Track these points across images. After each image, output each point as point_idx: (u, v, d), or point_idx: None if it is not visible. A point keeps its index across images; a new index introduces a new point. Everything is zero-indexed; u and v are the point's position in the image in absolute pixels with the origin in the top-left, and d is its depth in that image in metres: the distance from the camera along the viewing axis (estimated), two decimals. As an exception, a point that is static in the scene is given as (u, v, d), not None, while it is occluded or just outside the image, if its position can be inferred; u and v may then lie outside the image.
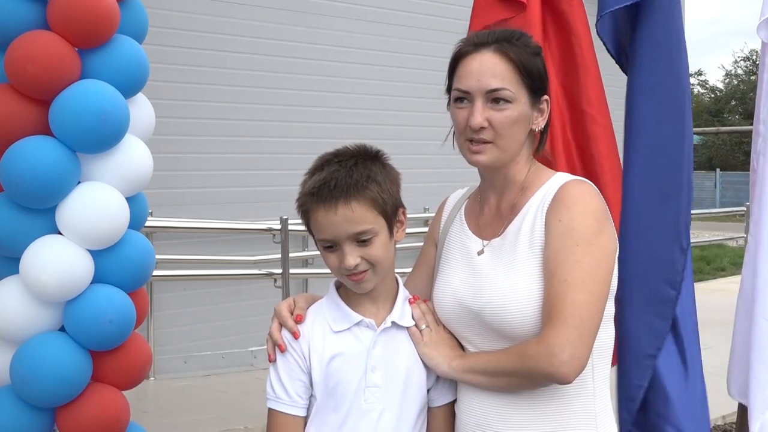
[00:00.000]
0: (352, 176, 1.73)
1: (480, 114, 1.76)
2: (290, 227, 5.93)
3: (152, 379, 5.77)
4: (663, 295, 2.34)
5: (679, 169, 2.38)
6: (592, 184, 1.82)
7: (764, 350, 2.64)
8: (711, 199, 27.91)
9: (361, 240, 1.73)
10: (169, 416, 5.05)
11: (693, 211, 2.47)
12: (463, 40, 1.86)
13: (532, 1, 2.60)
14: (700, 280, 10.72)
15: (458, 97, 1.81)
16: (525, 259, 1.75)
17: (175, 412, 5.20)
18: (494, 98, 1.76)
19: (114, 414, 2.45)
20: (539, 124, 1.84)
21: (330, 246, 1.76)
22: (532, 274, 1.73)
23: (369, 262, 1.75)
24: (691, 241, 2.46)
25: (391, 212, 1.78)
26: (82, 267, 2.34)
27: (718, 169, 29.87)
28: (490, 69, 1.76)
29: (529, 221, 1.78)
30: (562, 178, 1.83)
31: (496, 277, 1.77)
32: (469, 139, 1.79)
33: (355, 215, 1.72)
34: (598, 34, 2.48)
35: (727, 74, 39.95)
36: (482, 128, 1.76)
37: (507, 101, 1.76)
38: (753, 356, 2.66)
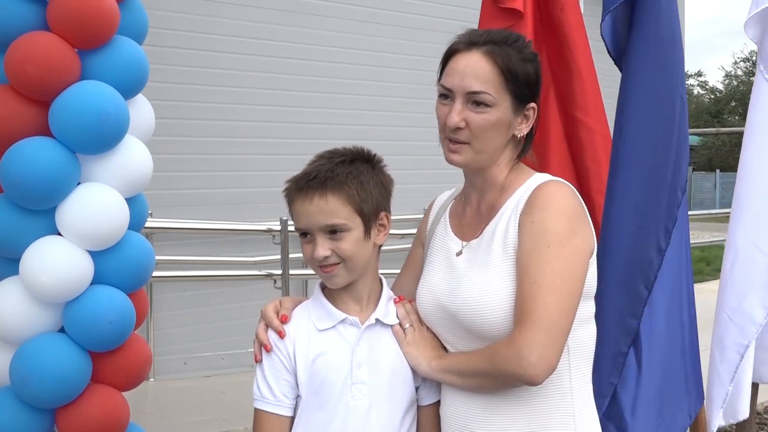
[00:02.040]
0: (333, 171, 1.78)
1: (457, 114, 1.77)
2: (290, 228, 5.92)
3: (152, 379, 5.77)
4: (639, 295, 2.40)
5: (666, 170, 2.39)
6: (569, 185, 1.82)
7: (723, 346, 2.68)
8: (711, 200, 27.91)
9: (333, 233, 1.77)
10: (169, 417, 5.05)
11: (693, 212, 2.50)
12: (458, 36, 1.86)
13: (524, 7, 2.60)
14: (700, 281, 10.71)
15: (442, 94, 1.82)
16: (498, 260, 1.76)
17: (175, 413, 5.20)
18: (474, 100, 1.76)
19: (114, 415, 2.45)
20: (522, 130, 1.83)
21: (305, 235, 1.81)
22: (505, 275, 1.74)
23: (339, 256, 1.78)
24: (691, 241, 2.48)
25: (370, 213, 1.80)
26: (82, 268, 2.34)
27: (717, 170, 29.87)
28: (473, 70, 1.76)
29: (503, 222, 1.79)
30: (539, 179, 1.83)
31: (471, 278, 1.78)
32: (447, 137, 1.81)
33: (329, 207, 1.76)
34: (601, 35, 2.48)
35: (727, 75, 40.00)
36: (459, 128, 1.77)
37: (486, 105, 1.76)
38: (714, 351, 2.70)
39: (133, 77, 2.48)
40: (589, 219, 1.81)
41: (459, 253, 1.86)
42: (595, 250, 1.80)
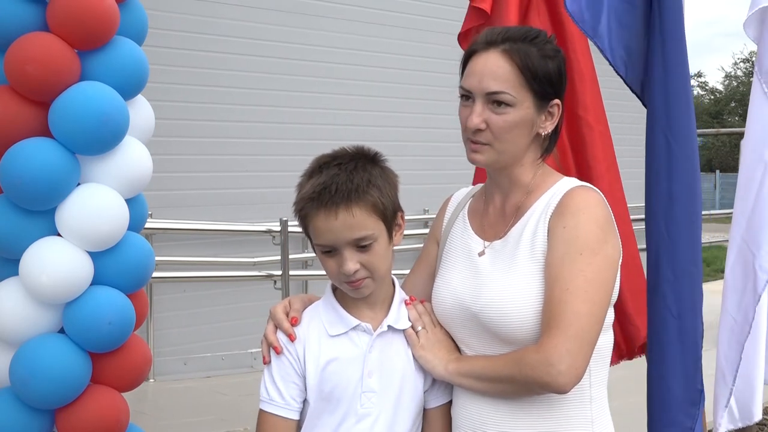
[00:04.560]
0: (352, 181, 1.71)
1: (478, 115, 1.74)
2: (290, 229, 5.92)
3: (152, 380, 5.77)
4: (702, 293, 2.38)
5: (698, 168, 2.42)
6: (599, 191, 1.79)
7: (727, 346, 2.70)
8: (710, 201, 27.91)
9: (361, 246, 1.72)
10: (169, 418, 5.05)
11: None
12: (478, 36, 1.83)
13: (525, 5, 2.61)
14: (699, 281, 10.69)
15: (463, 95, 1.79)
16: (525, 263, 1.73)
17: (175, 413, 5.20)
18: (494, 101, 1.73)
19: (113, 416, 2.44)
20: (546, 128, 1.80)
21: (329, 251, 1.74)
22: (531, 278, 1.72)
23: (368, 268, 1.73)
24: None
25: (391, 217, 1.77)
26: (82, 268, 2.34)
27: (717, 171, 29.89)
28: (492, 71, 1.73)
29: (531, 225, 1.76)
30: (568, 183, 1.80)
31: (495, 280, 1.75)
32: (468, 138, 1.79)
33: (356, 221, 1.69)
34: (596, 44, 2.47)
35: (727, 76, 40.04)
36: (479, 130, 1.75)
37: (507, 105, 1.73)
38: (719, 352, 2.72)
39: (132, 78, 2.47)
40: (616, 227, 1.78)
41: (481, 254, 1.82)
42: (621, 258, 1.78)
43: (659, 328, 2.32)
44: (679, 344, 2.30)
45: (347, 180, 1.71)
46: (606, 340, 1.80)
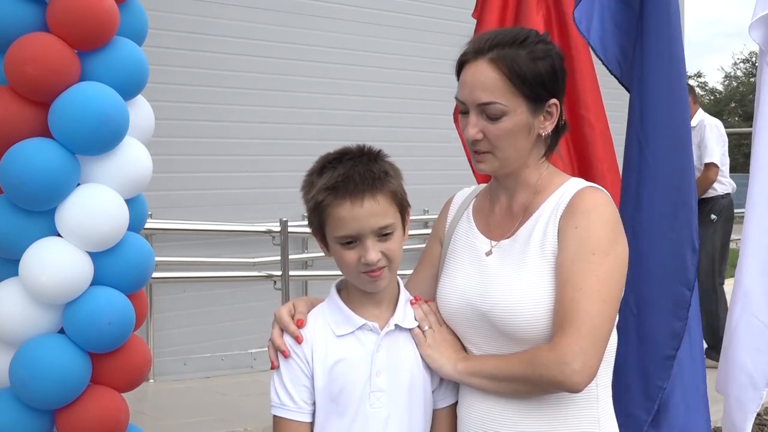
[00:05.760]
0: (372, 171, 1.73)
1: (473, 126, 1.75)
2: (290, 229, 5.92)
3: (152, 381, 5.76)
4: (680, 297, 2.39)
5: (691, 172, 2.42)
6: (606, 192, 1.81)
7: (756, 351, 2.68)
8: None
9: (383, 234, 1.73)
10: (169, 418, 5.05)
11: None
12: (467, 43, 1.83)
13: (530, 6, 2.62)
14: (699, 281, 10.67)
15: (460, 106, 1.80)
16: (535, 262, 1.74)
17: (175, 414, 5.19)
18: (486, 112, 1.74)
19: (113, 416, 2.44)
20: (546, 128, 1.80)
21: (350, 242, 1.73)
22: (541, 278, 1.72)
23: (387, 257, 1.74)
24: (692, 242, 2.49)
25: (405, 208, 1.79)
26: (82, 269, 2.34)
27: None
28: (481, 82, 1.74)
29: (541, 225, 1.77)
30: (576, 183, 1.81)
31: (505, 279, 1.76)
32: (470, 148, 1.80)
33: (381, 208, 1.71)
34: (586, 39, 2.48)
35: (727, 76, 40.01)
36: (477, 140, 1.76)
37: (500, 114, 1.74)
38: (743, 356, 2.69)
39: (132, 78, 2.47)
40: (623, 227, 1.80)
41: (489, 253, 1.83)
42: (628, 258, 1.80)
43: (620, 321, 2.36)
44: (637, 340, 2.35)
45: (367, 170, 1.73)
46: (612, 341, 1.80)
